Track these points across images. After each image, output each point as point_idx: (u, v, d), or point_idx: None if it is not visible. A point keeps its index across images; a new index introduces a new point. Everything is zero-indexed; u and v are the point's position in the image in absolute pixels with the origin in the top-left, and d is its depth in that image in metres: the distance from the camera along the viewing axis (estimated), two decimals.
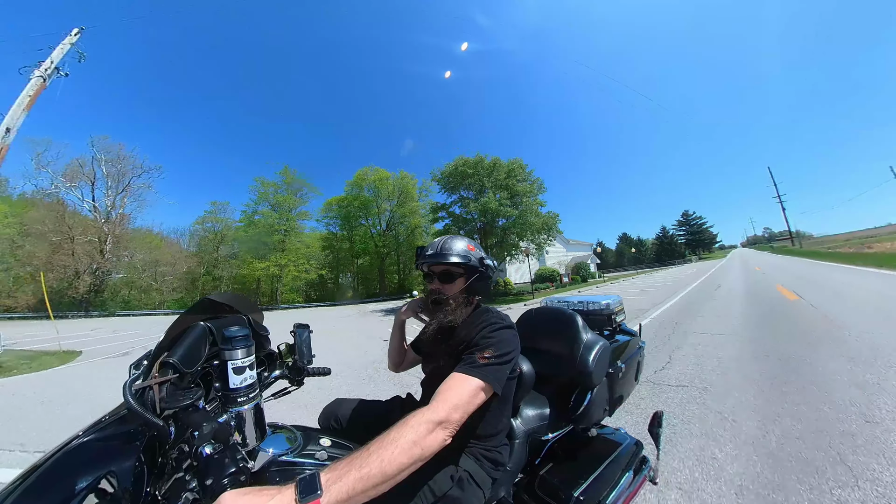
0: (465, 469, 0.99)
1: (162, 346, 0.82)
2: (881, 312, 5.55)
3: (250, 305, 1.10)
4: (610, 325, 1.82)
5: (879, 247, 27.43)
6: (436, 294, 1.18)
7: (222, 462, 0.69)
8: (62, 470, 0.60)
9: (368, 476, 0.64)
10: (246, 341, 0.82)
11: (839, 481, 1.82)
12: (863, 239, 46.63)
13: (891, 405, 2.56)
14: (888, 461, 1.94)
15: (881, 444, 2.10)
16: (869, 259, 17.06)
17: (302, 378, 1.25)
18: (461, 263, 1.13)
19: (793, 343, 4.40)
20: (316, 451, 0.94)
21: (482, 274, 1.15)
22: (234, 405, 0.80)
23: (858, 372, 3.23)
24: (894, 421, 2.34)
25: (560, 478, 1.22)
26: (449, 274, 1.16)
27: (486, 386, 0.89)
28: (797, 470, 1.94)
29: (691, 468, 2.05)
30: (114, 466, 0.61)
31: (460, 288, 1.15)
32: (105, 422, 0.71)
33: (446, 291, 1.16)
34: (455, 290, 1.15)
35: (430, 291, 1.21)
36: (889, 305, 6.07)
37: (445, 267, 1.16)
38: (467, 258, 1.14)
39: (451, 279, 1.16)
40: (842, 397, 2.77)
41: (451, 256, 1.13)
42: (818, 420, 2.46)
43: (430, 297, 1.21)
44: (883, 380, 3.00)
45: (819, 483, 1.82)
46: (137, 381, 0.70)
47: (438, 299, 1.16)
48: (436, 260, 1.15)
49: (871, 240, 40.59)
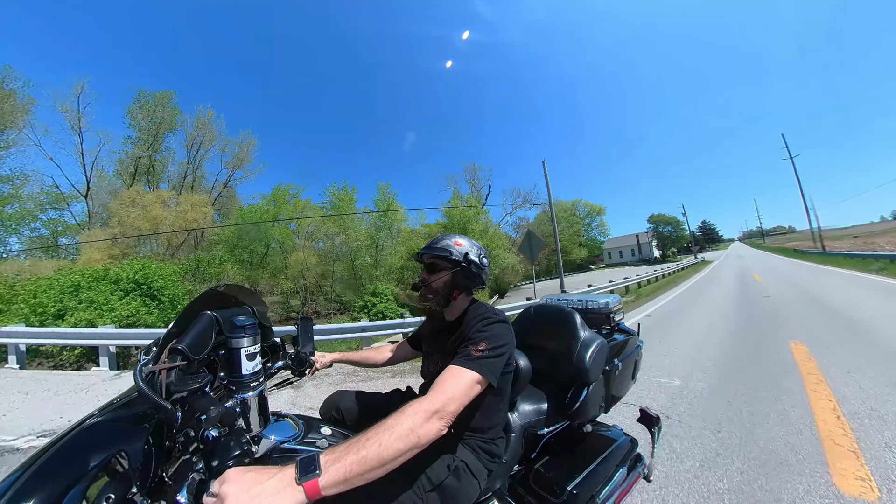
0: (461, 459, 1.01)
1: (171, 333, 0.84)
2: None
3: (255, 297, 1.13)
4: (608, 324, 1.84)
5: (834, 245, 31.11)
6: (420, 282, 1.24)
7: (228, 444, 0.72)
8: (77, 448, 0.62)
9: (365, 459, 0.66)
10: (253, 330, 0.85)
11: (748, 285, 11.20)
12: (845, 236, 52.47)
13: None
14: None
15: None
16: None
17: (304, 369, 1.28)
18: (444, 257, 1.19)
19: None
20: (317, 439, 0.97)
21: (464, 269, 1.18)
22: (241, 392, 0.83)
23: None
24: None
25: (555, 472, 1.24)
26: (434, 265, 1.22)
27: (480, 378, 0.92)
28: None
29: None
30: (124, 447, 0.64)
31: (443, 280, 1.19)
32: (116, 404, 0.74)
33: (430, 281, 1.21)
34: (437, 280, 1.20)
35: (419, 279, 1.28)
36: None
37: (433, 258, 1.22)
38: (449, 252, 1.19)
39: (436, 270, 1.21)
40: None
41: (435, 249, 1.20)
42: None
43: (414, 284, 1.28)
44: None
45: (744, 291, 10.11)
46: (147, 366, 0.73)
47: (417, 285, 1.23)
48: (424, 251, 1.24)
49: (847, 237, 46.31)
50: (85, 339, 5.96)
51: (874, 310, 6.11)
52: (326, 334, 6.29)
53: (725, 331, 5.50)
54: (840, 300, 7.36)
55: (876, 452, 2.14)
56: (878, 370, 3.40)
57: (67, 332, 6.32)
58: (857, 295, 7.90)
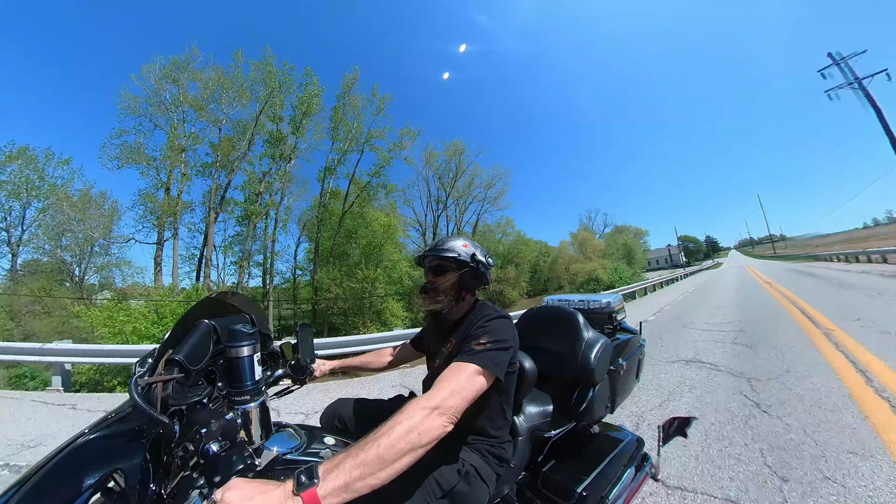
0: (470, 464, 0.99)
1: (166, 344, 0.81)
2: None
3: (253, 305, 1.10)
4: (611, 324, 1.83)
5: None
6: (427, 284, 1.23)
7: (230, 459, 0.69)
8: (69, 467, 0.59)
9: (365, 462, 0.63)
10: (252, 338, 0.82)
11: (745, 279, 17.20)
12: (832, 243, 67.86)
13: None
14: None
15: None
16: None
17: (305, 377, 1.25)
18: (452, 258, 1.18)
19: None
20: (320, 449, 0.94)
21: (473, 269, 1.18)
22: (241, 402, 0.80)
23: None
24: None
25: (563, 474, 1.22)
26: (441, 267, 1.21)
27: (483, 371, 0.89)
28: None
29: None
30: (120, 464, 0.61)
31: (451, 281, 1.19)
32: (110, 419, 0.70)
33: (438, 283, 1.20)
34: (444, 282, 1.19)
35: (425, 283, 1.27)
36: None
37: (439, 261, 1.21)
38: (457, 253, 1.18)
39: (443, 272, 1.20)
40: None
41: (442, 251, 1.19)
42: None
43: (422, 287, 1.27)
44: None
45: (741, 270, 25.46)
46: (143, 378, 0.70)
47: (426, 288, 1.23)
48: (429, 253, 1.22)
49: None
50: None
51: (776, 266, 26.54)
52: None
53: (738, 279, 17.38)
54: (763, 267, 27.02)
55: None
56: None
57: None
58: (772, 268, 25.88)
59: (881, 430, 2.20)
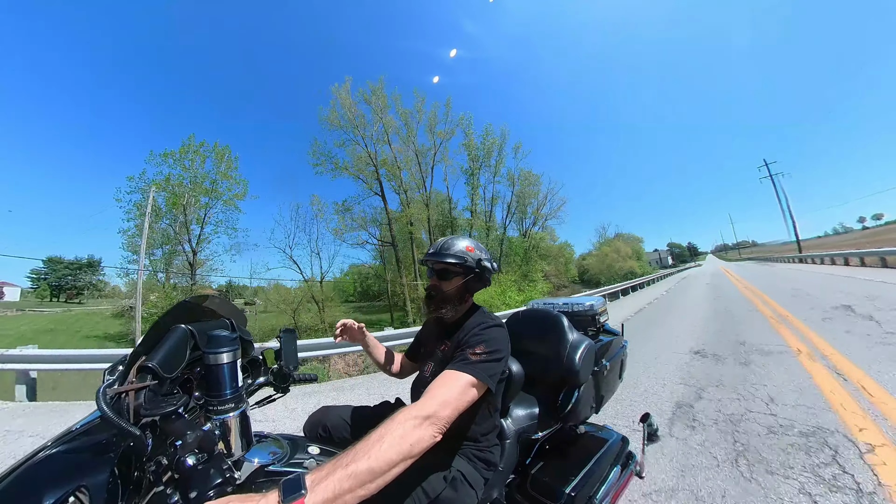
0: (458, 469, 0.98)
1: (138, 350, 0.77)
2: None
3: (234, 309, 1.06)
4: (594, 326, 1.87)
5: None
6: (432, 290, 1.21)
7: (207, 473, 0.65)
8: (27, 485, 0.54)
9: (355, 473, 0.61)
10: (233, 344, 0.79)
11: (716, 269, 39.04)
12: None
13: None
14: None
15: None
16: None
17: (287, 385, 1.20)
18: (458, 263, 1.16)
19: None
20: (304, 459, 0.90)
21: (478, 274, 1.18)
22: (220, 412, 0.76)
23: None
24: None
25: (551, 476, 1.23)
26: (446, 272, 1.19)
27: (477, 382, 0.89)
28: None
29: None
30: (85, 481, 0.56)
31: (457, 286, 1.18)
32: (75, 432, 0.65)
33: (443, 288, 1.19)
34: (451, 287, 1.18)
35: (428, 287, 1.24)
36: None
37: (444, 265, 1.19)
38: (464, 258, 1.17)
39: (448, 277, 1.19)
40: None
41: (448, 256, 1.17)
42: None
43: (426, 292, 1.24)
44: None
45: (716, 270, 34.72)
46: (112, 387, 0.66)
47: (431, 294, 1.21)
48: (434, 258, 1.19)
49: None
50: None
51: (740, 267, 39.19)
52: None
53: (714, 274, 25.94)
54: (728, 265, 48.95)
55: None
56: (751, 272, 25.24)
57: None
58: (733, 265, 46.37)
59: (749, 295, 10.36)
